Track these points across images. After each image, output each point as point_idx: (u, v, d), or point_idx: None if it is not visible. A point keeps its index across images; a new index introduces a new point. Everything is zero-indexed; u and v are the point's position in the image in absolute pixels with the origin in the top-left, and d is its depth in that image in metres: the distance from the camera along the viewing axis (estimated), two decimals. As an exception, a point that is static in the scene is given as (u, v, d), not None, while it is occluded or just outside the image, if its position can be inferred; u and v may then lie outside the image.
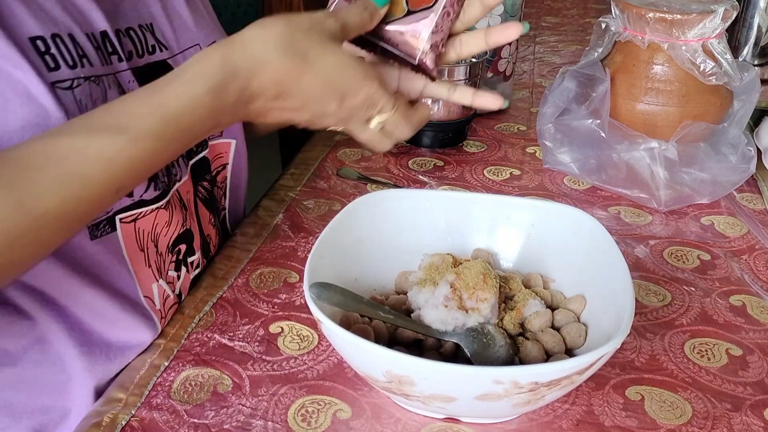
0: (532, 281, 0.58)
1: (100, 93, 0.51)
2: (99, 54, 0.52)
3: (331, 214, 0.76)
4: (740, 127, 0.79)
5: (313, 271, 0.49)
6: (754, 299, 0.63)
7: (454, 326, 0.51)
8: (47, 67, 0.47)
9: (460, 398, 0.44)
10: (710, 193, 0.77)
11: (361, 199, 0.59)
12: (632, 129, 0.78)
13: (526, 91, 1.12)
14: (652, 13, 0.75)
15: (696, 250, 0.71)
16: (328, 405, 0.51)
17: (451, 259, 0.56)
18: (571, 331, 0.52)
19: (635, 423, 0.50)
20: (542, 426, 0.50)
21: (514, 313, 0.53)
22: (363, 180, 0.84)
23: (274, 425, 0.50)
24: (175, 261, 0.61)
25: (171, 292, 0.61)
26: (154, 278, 0.58)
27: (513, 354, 0.51)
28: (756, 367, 0.55)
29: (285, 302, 0.63)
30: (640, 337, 0.58)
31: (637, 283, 0.65)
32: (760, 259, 0.69)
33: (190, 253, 0.64)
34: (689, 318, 0.61)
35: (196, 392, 0.53)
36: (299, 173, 0.86)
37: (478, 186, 0.83)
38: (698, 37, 0.74)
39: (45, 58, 0.47)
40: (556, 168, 0.85)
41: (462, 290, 0.51)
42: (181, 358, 0.56)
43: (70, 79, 0.49)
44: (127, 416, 0.51)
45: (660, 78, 0.77)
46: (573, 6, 1.64)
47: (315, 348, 0.57)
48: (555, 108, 0.84)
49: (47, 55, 0.48)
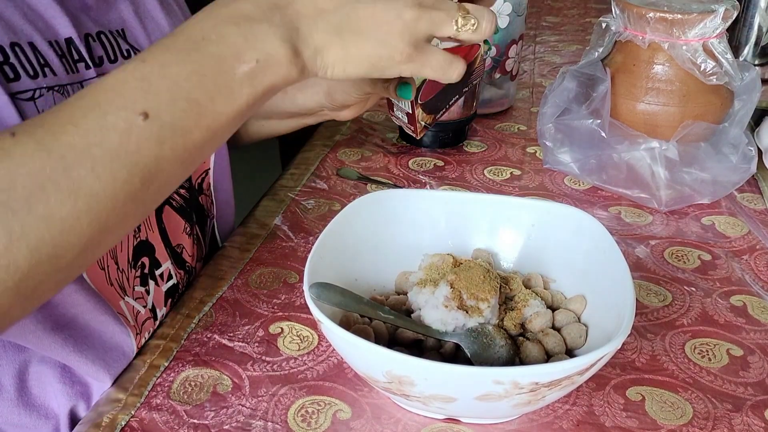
0: (532, 281, 0.57)
1: None
2: (63, 62, 0.50)
3: (331, 214, 0.76)
4: (741, 127, 0.79)
5: (313, 272, 0.49)
6: (754, 299, 0.63)
7: (454, 326, 0.51)
8: (6, 78, 0.45)
9: (460, 399, 0.44)
10: (711, 193, 0.77)
11: (361, 199, 0.59)
12: (633, 129, 0.78)
13: (527, 90, 1.12)
14: (653, 13, 0.74)
15: (697, 251, 0.70)
16: (328, 405, 0.51)
17: (451, 259, 0.56)
18: (571, 332, 0.52)
19: (636, 423, 0.50)
20: (542, 426, 0.50)
21: (515, 313, 0.53)
22: (363, 180, 0.84)
23: (274, 426, 0.50)
24: (140, 276, 0.58)
25: (142, 307, 0.58)
26: (119, 296, 0.55)
27: (513, 354, 0.51)
28: (757, 367, 0.55)
29: (285, 302, 0.63)
30: (640, 338, 0.58)
31: (638, 283, 0.65)
32: (760, 259, 0.69)
33: (155, 266, 0.61)
34: (690, 318, 0.61)
35: (196, 393, 0.53)
36: (299, 173, 0.86)
37: (479, 186, 0.83)
38: (699, 37, 0.74)
39: (4, 69, 0.45)
40: (556, 168, 0.85)
41: (462, 290, 0.51)
42: (180, 359, 0.56)
43: (32, 90, 0.46)
44: (126, 417, 0.50)
45: (660, 78, 0.77)
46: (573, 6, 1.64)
47: (315, 348, 0.57)
48: (555, 108, 0.84)
49: (6, 65, 0.45)
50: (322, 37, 0.44)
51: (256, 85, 0.42)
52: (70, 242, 0.37)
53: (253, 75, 0.41)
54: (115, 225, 0.39)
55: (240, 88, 0.41)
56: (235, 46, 0.41)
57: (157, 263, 0.61)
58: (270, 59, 0.42)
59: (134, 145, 0.38)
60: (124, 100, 0.38)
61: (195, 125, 0.40)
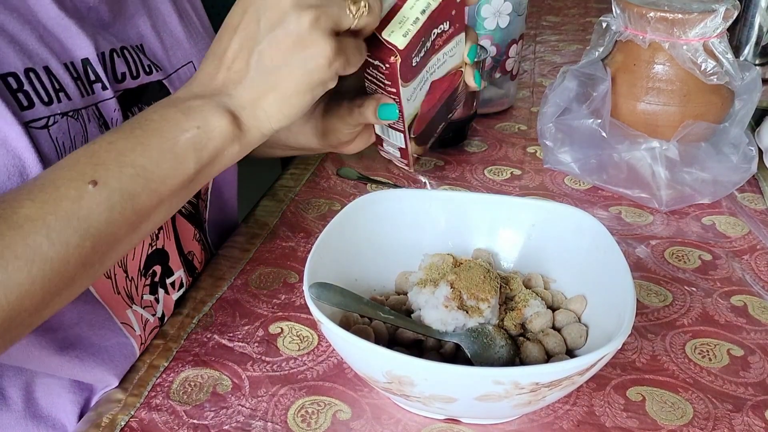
0: (532, 281, 0.57)
1: (79, 128, 0.48)
2: (78, 84, 0.50)
3: (331, 214, 0.76)
4: (741, 127, 0.79)
5: (313, 272, 0.49)
6: (755, 299, 0.63)
7: (454, 327, 0.50)
8: (20, 106, 0.44)
9: (460, 399, 0.44)
10: (711, 193, 0.77)
11: (361, 199, 0.58)
12: (633, 129, 0.78)
13: (527, 90, 1.12)
14: (653, 13, 0.74)
15: (697, 251, 0.70)
16: (328, 406, 0.51)
17: (451, 259, 0.56)
18: (571, 332, 0.52)
19: (636, 424, 0.50)
20: (543, 427, 0.50)
21: (515, 313, 0.53)
22: (363, 180, 0.84)
23: (274, 426, 0.49)
24: (149, 284, 0.58)
25: (151, 316, 0.58)
26: (126, 305, 0.55)
27: (513, 355, 0.51)
28: (757, 367, 0.55)
29: (285, 302, 0.62)
30: (641, 338, 0.58)
31: (638, 283, 0.65)
32: (761, 259, 0.69)
33: (167, 274, 0.60)
34: (690, 318, 0.61)
35: (196, 393, 0.52)
36: (299, 173, 0.86)
37: (479, 186, 0.83)
38: (699, 37, 0.74)
39: (18, 96, 0.45)
40: (556, 168, 0.85)
41: (462, 290, 0.51)
42: (180, 359, 0.56)
43: (45, 117, 0.46)
44: (126, 417, 0.50)
45: (661, 77, 0.77)
46: (574, 5, 1.64)
47: (315, 348, 0.57)
48: (556, 107, 0.84)
49: (20, 92, 0.45)
50: (252, 92, 0.46)
51: (200, 149, 0.44)
52: (24, 306, 0.39)
53: (197, 140, 0.44)
54: (63, 288, 0.41)
55: (185, 153, 0.44)
56: (175, 120, 0.44)
57: (170, 271, 0.61)
58: (209, 124, 0.44)
59: (85, 210, 0.40)
60: (75, 173, 0.41)
61: (143, 189, 0.42)
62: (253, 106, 0.46)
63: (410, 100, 0.54)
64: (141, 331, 0.57)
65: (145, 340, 0.57)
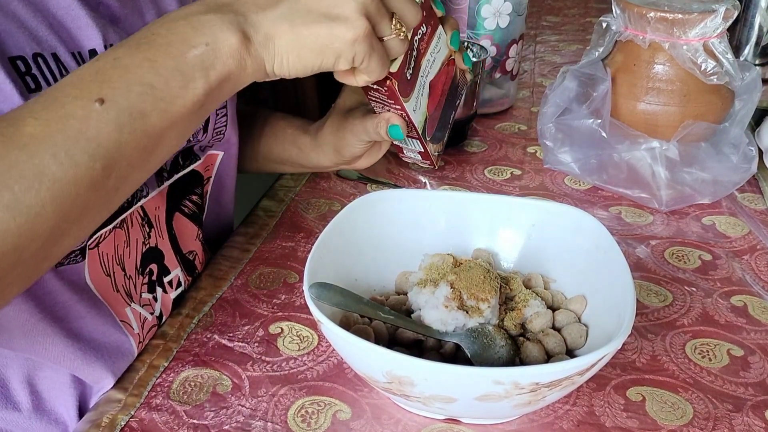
0: (532, 281, 0.57)
1: None
2: None
3: (331, 214, 0.76)
4: (741, 127, 0.79)
5: (313, 272, 0.49)
6: (755, 300, 0.63)
7: (454, 327, 0.50)
8: (27, 88, 0.45)
9: (460, 399, 0.44)
10: (711, 193, 0.77)
11: (361, 199, 0.58)
12: (633, 129, 0.78)
13: (527, 90, 1.12)
14: (653, 13, 0.74)
15: (697, 251, 0.70)
16: (328, 406, 0.51)
17: (451, 259, 0.56)
18: (571, 332, 0.52)
19: (636, 424, 0.50)
20: (543, 427, 0.50)
21: (515, 313, 0.53)
22: (363, 180, 0.84)
23: (274, 426, 0.49)
24: (147, 282, 0.58)
25: (149, 314, 0.58)
26: (125, 303, 0.56)
27: (513, 355, 0.51)
28: (757, 367, 0.55)
29: (285, 302, 0.62)
30: (641, 338, 0.58)
31: (638, 283, 0.65)
32: (761, 259, 0.69)
33: (164, 273, 0.61)
34: (690, 318, 0.61)
35: (196, 393, 0.52)
36: (299, 173, 0.86)
37: (479, 186, 0.83)
38: (699, 37, 0.74)
39: (26, 79, 0.45)
40: (556, 168, 0.85)
41: (462, 291, 0.51)
42: (180, 359, 0.56)
43: None
44: (126, 417, 0.50)
45: (661, 77, 0.77)
46: (574, 5, 1.64)
47: (315, 348, 0.57)
48: (556, 108, 0.84)
49: (28, 75, 0.45)
50: (271, 24, 0.44)
51: (208, 69, 0.42)
52: (35, 231, 0.36)
53: (205, 59, 0.42)
54: (78, 215, 0.39)
55: (192, 72, 0.41)
56: (184, 35, 0.42)
57: (166, 270, 0.61)
58: (219, 43, 0.42)
59: (93, 130, 0.38)
60: (80, 91, 0.39)
61: (152, 108, 0.40)
62: (267, 37, 0.44)
63: (416, 109, 0.56)
64: (139, 329, 0.57)
65: (143, 339, 0.58)
